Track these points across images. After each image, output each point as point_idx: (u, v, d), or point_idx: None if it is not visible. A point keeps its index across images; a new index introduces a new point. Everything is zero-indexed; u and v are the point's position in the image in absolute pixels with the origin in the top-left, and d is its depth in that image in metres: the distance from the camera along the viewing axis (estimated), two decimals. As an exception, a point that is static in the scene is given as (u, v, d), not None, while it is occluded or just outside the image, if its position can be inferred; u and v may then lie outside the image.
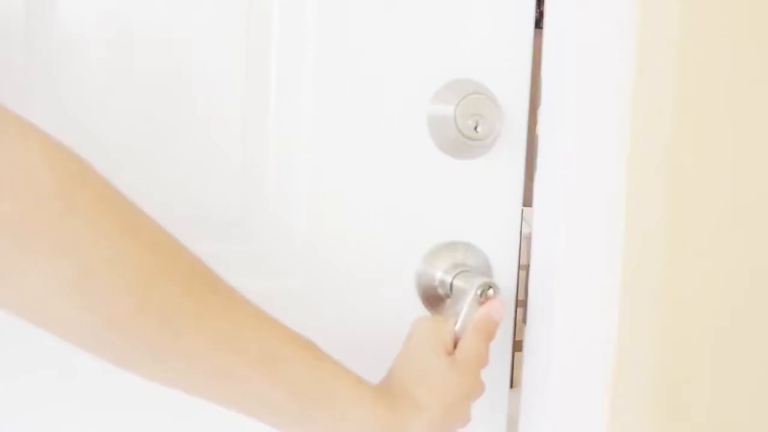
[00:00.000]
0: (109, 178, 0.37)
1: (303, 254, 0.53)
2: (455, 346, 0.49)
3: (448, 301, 0.55)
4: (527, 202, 0.57)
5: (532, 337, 0.58)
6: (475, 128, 0.51)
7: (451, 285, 0.54)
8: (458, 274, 0.54)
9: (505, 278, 0.57)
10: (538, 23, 0.54)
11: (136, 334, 0.37)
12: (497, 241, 0.57)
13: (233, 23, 0.51)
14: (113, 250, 0.36)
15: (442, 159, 0.54)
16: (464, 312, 0.50)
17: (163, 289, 0.38)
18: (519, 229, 0.58)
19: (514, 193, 0.56)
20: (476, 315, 0.50)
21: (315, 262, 0.53)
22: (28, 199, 0.34)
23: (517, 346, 0.59)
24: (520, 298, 0.60)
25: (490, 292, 0.51)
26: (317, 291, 0.54)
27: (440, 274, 0.55)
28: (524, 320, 0.59)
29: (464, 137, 0.51)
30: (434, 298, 0.56)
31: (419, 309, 0.56)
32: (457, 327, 0.50)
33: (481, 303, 0.50)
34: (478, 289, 0.50)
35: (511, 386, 0.59)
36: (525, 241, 0.57)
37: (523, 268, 0.58)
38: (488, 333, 0.50)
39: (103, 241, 0.36)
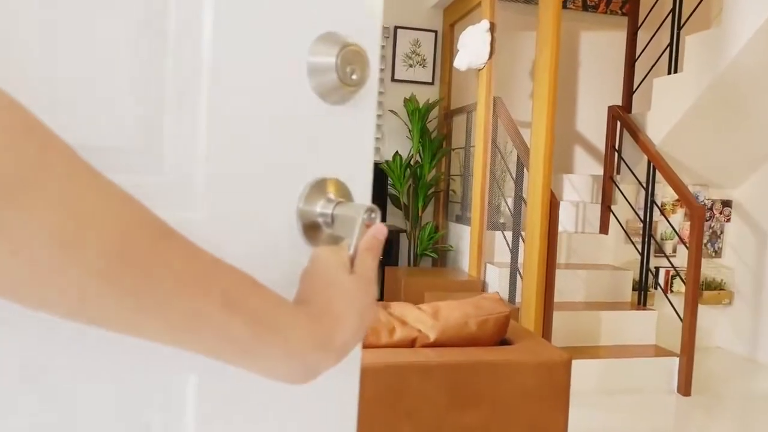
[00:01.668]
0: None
1: (205, 188, 0.55)
2: (352, 265, 0.57)
3: (327, 231, 0.63)
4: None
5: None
6: (352, 75, 0.58)
7: (332, 216, 0.61)
8: (336, 205, 0.62)
9: (363, 206, 0.66)
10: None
11: (122, 284, 0.38)
12: (357, 175, 0.65)
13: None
14: (96, 201, 0.37)
15: (320, 105, 0.60)
16: (356, 235, 0.58)
17: (139, 238, 0.39)
18: (372, 165, 0.67)
19: (370, 132, 0.65)
20: (365, 237, 0.59)
21: (214, 198, 0.56)
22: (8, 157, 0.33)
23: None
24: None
25: (373, 215, 0.60)
26: (216, 225, 0.56)
27: (319, 208, 0.62)
28: None
29: (343, 83, 0.58)
30: (313, 229, 0.63)
31: (299, 238, 0.62)
32: (351, 250, 0.58)
33: (367, 226, 0.59)
34: (364, 214, 0.59)
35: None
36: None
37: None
38: (376, 250, 0.59)
39: (86, 192, 0.36)
